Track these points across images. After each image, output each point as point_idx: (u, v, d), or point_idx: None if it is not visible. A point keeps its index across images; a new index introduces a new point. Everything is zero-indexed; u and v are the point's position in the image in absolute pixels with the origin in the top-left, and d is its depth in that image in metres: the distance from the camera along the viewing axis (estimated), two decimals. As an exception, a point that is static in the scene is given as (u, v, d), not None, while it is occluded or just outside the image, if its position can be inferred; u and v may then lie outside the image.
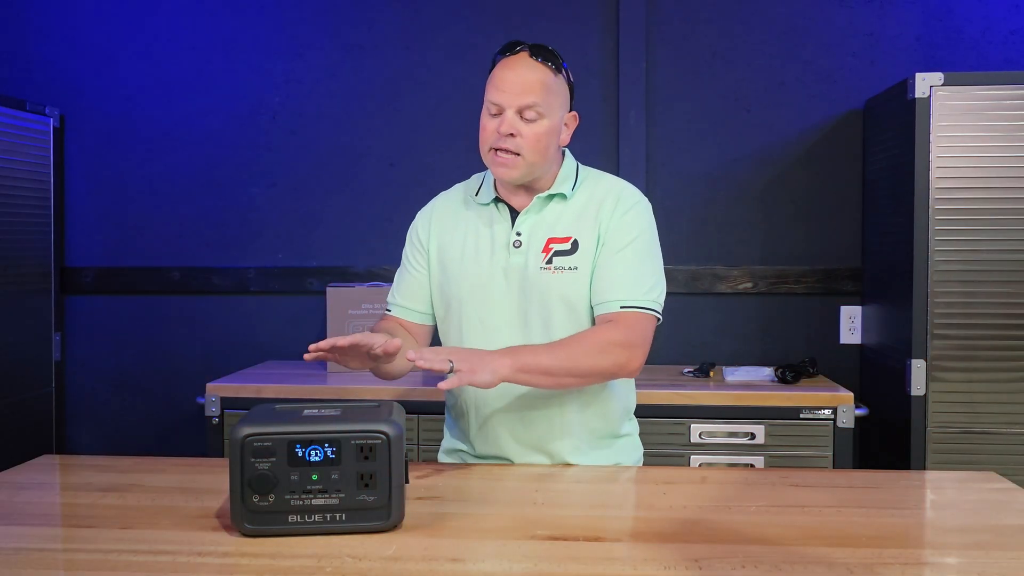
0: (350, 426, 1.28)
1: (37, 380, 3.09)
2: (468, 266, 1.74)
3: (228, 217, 3.22)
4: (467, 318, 1.74)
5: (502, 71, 1.67)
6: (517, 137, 1.64)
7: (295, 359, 3.18)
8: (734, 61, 3.06)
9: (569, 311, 1.70)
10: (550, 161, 1.71)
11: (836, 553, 1.22)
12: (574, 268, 1.69)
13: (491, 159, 1.68)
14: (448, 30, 3.13)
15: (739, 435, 2.54)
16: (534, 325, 1.71)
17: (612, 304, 1.67)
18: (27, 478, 1.61)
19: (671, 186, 3.06)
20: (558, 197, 1.74)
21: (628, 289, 1.67)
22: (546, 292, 1.69)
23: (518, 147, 1.64)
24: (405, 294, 1.83)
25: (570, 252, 1.70)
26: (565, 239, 1.71)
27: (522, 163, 1.65)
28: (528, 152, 1.65)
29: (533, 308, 1.70)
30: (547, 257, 1.70)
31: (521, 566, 1.17)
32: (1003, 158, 2.47)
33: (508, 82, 1.65)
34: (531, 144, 1.65)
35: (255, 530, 1.27)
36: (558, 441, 1.74)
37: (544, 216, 1.73)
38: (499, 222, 1.75)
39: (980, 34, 2.97)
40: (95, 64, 3.25)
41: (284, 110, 3.19)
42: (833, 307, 3.06)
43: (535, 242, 1.71)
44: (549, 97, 1.66)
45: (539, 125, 1.65)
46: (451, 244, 1.77)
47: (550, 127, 1.67)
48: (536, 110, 1.64)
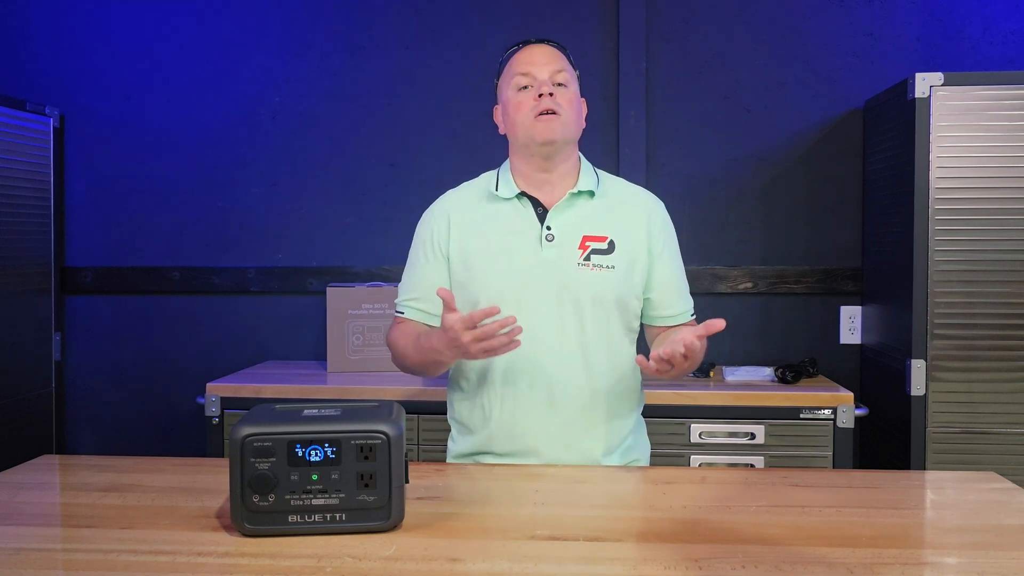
0: (350, 426, 1.28)
1: (37, 380, 3.09)
2: (498, 262, 1.73)
3: (228, 217, 3.22)
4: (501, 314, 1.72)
5: (523, 55, 1.77)
6: (556, 96, 1.72)
7: (295, 359, 3.18)
8: (734, 61, 3.06)
9: (599, 308, 1.73)
10: (578, 134, 1.79)
11: (836, 553, 1.22)
12: (611, 267, 1.73)
13: (533, 126, 1.72)
14: (448, 30, 3.13)
15: (739, 435, 2.54)
16: (568, 320, 1.72)
17: (684, 315, 1.83)
18: (27, 478, 1.61)
19: (671, 186, 3.06)
20: (586, 194, 1.78)
21: (688, 299, 1.85)
22: (582, 288, 1.72)
23: (558, 106, 1.71)
24: (420, 296, 1.80)
25: (607, 251, 1.74)
26: (602, 238, 1.75)
27: (565, 121, 1.72)
28: (567, 111, 1.73)
29: (567, 303, 1.72)
30: (585, 254, 1.73)
31: (521, 566, 1.17)
32: (1003, 158, 2.47)
33: (535, 55, 1.75)
34: (568, 104, 1.74)
35: (255, 530, 1.27)
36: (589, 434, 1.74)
37: (575, 212, 1.76)
38: (525, 216, 1.76)
39: (980, 34, 2.97)
40: (95, 64, 3.25)
41: (284, 110, 3.19)
42: (833, 307, 3.06)
43: (569, 238, 1.74)
44: (569, 73, 1.78)
45: (570, 91, 1.76)
46: (474, 240, 1.76)
47: (577, 96, 1.78)
48: (565, 75, 1.75)
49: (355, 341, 2.86)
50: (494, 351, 1.53)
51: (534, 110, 1.71)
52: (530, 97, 1.72)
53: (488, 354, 1.54)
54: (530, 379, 1.72)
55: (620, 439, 1.79)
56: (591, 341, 1.73)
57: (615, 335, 1.76)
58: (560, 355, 1.72)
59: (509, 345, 1.52)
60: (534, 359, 1.71)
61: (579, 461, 1.74)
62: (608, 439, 1.76)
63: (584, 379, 1.73)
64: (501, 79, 1.81)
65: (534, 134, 1.71)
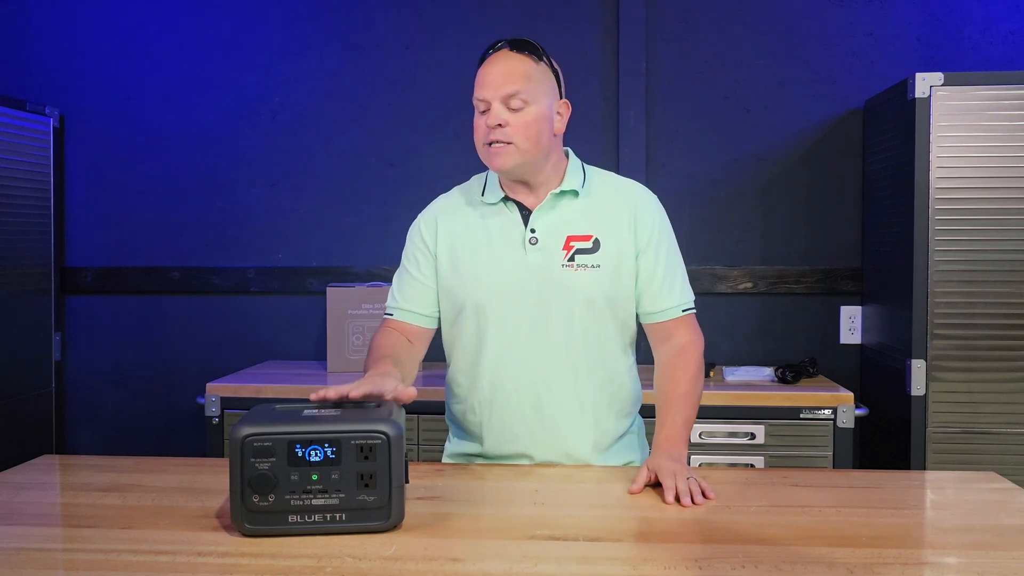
0: (350, 426, 1.28)
1: (37, 380, 3.09)
2: (484, 266, 1.73)
3: (228, 217, 3.22)
4: (487, 319, 1.71)
5: (483, 69, 1.68)
6: (506, 127, 1.65)
7: (295, 359, 3.18)
8: (734, 61, 3.06)
9: (589, 308, 1.71)
10: (545, 149, 1.70)
11: (836, 553, 1.22)
12: (596, 266, 1.70)
13: (485, 153, 1.68)
14: (448, 30, 3.13)
15: (739, 435, 2.54)
16: (557, 322, 1.71)
17: (674, 311, 1.76)
18: (27, 478, 1.61)
19: (671, 186, 3.06)
20: (570, 194, 1.74)
21: (679, 293, 1.76)
22: (569, 289, 1.70)
23: (508, 136, 1.65)
24: (409, 297, 1.80)
25: (592, 250, 1.71)
26: (586, 237, 1.72)
27: (515, 151, 1.66)
28: (519, 140, 1.65)
29: (556, 305, 1.70)
30: (568, 255, 1.71)
31: (521, 566, 1.17)
32: (1003, 158, 2.47)
33: (489, 77, 1.66)
34: (521, 132, 1.65)
35: (255, 530, 1.27)
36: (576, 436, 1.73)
37: (559, 213, 1.73)
38: (509, 220, 1.74)
39: (980, 34, 2.97)
40: (95, 64, 3.25)
41: (284, 110, 3.19)
42: (833, 307, 3.06)
43: (553, 239, 1.72)
44: (532, 85, 1.66)
45: (526, 113, 1.65)
46: (462, 245, 1.76)
47: (538, 114, 1.66)
48: (520, 98, 1.65)
49: (355, 341, 2.86)
50: None
51: (485, 138, 1.67)
52: (483, 122, 1.67)
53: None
54: (516, 383, 1.72)
55: (611, 440, 1.78)
56: (579, 343, 1.71)
57: (606, 336, 1.74)
58: (546, 358, 1.71)
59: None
60: (521, 363, 1.71)
61: (569, 463, 1.74)
62: (597, 440, 1.75)
63: (572, 381, 1.72)
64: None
65: (488, 162, 1.70)
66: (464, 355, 1.76)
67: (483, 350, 1.72)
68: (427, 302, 1.79)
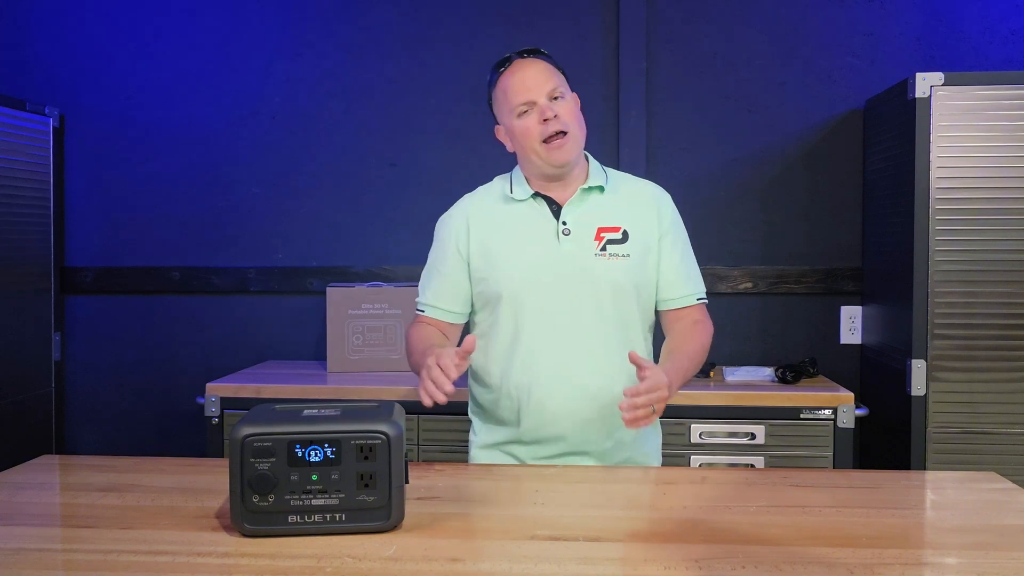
0: (350, 426, 1.28)
1: (37, 380, 3.09)
2: (518, 258, 1.79)
3: (228, 217, 3.21)
4: (524, 308, 1.78)
5: (512, 79, 1.78)
6: (562, 116, 1.75)
7: (295, 359, 3.18)
8: (734, 61, 3.06)
9: (617, 295, 1.79)
10: (585, 137, 1.82)
11: (836, 553, 1.22)
12: (626, 256, 1.80)
13: (543, 151, 1.76)
14: (448, 30, 3.13)
15: (739, 435, 2.54)
16: (586, 309, 1.78)
17: (690, 298, 1.87)
18: (27, 478, 1.61)
19: (671, 186, 2.99)
20: (596, 190, 1.84)
21: (695, 283, 1.89)
22: (600, 277, 1.78)
23: (565, 125, 1.76)
24: (441, 295, 1.86)
25: (621, 241, 1.80)
26: (615, 228, 1.81)
27: (572, 140, 1.77)
28: (573, 126, 1.77)
29: (585, 293, 1.78)
30: (600, 244, 1.79)
31: (521, 566, 1.17)
32: (1003, 158, 2.47)
33: (527, 80, 1.77)
34: (573, 119, 1.78)
35: (255, 530, 1.27)
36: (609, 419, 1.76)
37: (588, 207, 1.82)
38: (541, 214, 1.82)
39: (980, 34, 2.97)
40: (95, 64, 3.25)
41: (284, 110, 3.19)
42: (833, 307, 3.06)
43: (585, 231, 1.80)
44: (560, 79, 1.80)
45: (569, 102, 1.79)
46: (494, 240, 1.82)
47: (576, 103, 1.82)
48: (559, 90, 1.78)
49: (355, 341, 2.86)
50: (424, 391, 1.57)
51: (542, 135, 1.75)
52: (534, 121, 1.76)
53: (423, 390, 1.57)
54: (552, 368, 1.77)
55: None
56: (608, 327, 1.79)
57: (631, 324, 1.82)
58: (579, 342, 1.78)
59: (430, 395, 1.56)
60: (556, 348, 1.78)
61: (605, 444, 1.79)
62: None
63: (604, 365, 1.78)
64: (495, 102, 1.85)
65: (549, 160, 1.77)
66: (499, 344, 1.82)
67: (520, 337, 1.79)
68: (456, 299, 1.86)
